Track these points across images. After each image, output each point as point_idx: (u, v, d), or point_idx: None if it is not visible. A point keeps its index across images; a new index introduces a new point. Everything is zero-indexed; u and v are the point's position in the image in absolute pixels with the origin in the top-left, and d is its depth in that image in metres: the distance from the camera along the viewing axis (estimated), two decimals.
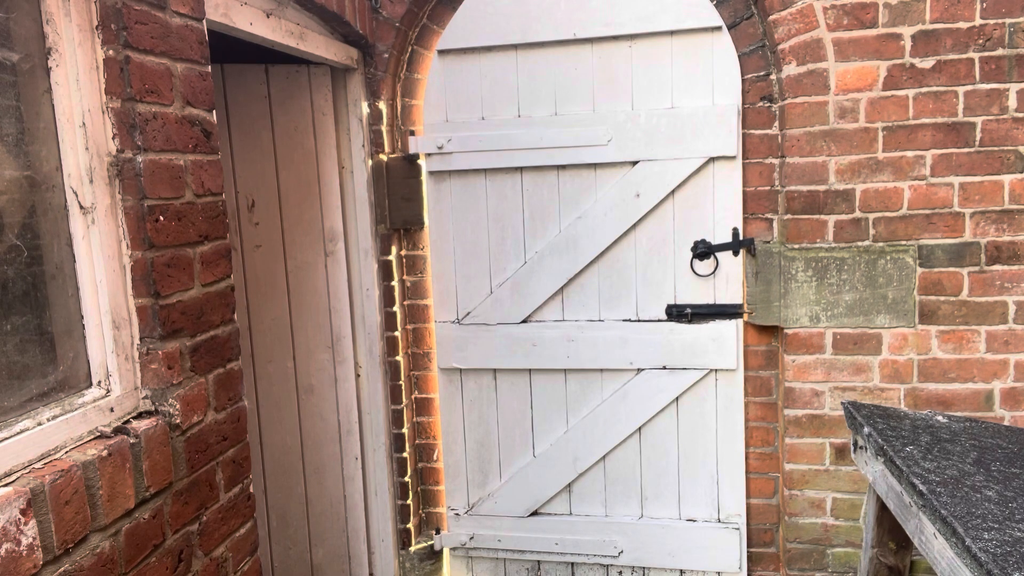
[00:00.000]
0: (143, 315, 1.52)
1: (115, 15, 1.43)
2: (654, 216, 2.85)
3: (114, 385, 1.49)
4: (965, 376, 2.60)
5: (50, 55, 1.38)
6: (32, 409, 1.34)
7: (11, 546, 1.15)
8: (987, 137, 2.49)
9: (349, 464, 3.02)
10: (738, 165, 2.76)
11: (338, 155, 2.88)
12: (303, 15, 2.44)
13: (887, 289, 2.60)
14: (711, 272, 2.85)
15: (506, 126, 2.89)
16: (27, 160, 1.36)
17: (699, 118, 2.74)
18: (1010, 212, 2.51)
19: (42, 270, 1.39)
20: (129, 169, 1.47)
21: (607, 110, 2.83)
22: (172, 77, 1.57)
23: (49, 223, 1.41)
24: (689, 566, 3.00)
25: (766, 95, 2.73)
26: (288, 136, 2.84)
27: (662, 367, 2.91)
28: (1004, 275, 2.53)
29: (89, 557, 1.32)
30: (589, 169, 2.87)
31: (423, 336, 3.13)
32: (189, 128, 1.62)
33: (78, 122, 1.42)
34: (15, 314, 1.33)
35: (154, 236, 1.51)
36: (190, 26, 1.62)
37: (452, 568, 3.24)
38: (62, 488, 1.26)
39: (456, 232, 3.01)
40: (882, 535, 2.11)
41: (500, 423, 3.08)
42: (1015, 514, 1.51)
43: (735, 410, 2.90)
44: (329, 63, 2.69)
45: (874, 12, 2.49)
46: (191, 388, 1.61)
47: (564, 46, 2.83)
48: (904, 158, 2.54)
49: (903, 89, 2.51)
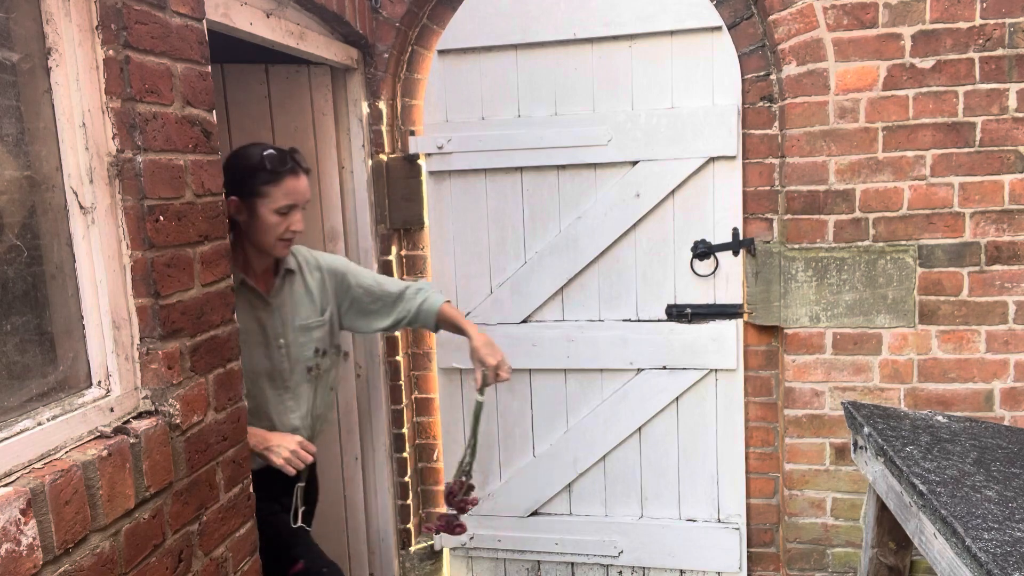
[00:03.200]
0: (143, 315, 1.52)
1: (115, 15, 1.42)
2: (654, 216, 2.85)
3: (114, 385, 1.49)
4: (965, 376, 2.60)
5: (50, 55, 1.38)
6: (32, 409, 1.34)
7: (11, 546, 1.15)
8: (987, 137, 2.49)
9: (349, 464, 3.02)
10: (738, 165, 2.76)
11: (338, 155, 2.88)
12: (303, 15, 2.44)
13: (887, 289, 2.60)
14: (711, 272, 2.85)
15: (506, 126, 2.89)
16: (27, 160, 1.36)
17: (699, 118, 2.74)
18: (1010, 212, 2.51)
19: (42, 270, 1.39)
20: (129, 169, 1.47)
21: (607, 110, 2.83)
22: (172, 77, 1.57)
23: (49, 223, 1.41)
24: (689, 566, 3.00)
25: (766, 95, 2.73)
26: (288, 136, 2.83)
27: (662, 367, 2.91)
28: (1004, 275, 2.53)
29: (89, 557, 1.32)
30: (589, 169, 2.87)
31: (423, 336, 3.13)
32: (189, 128, 1.62)
33: (78, 122, 1.42)
34: (15, 314, 1.33)
35: (154, 236, 1.51)
36: (190, 26, 1.62)
37: (452, 568, 3.24)
38: (62, 488, 1.26)
39: (456, 232, 3.01)
40: (882, 535, 2.11)
41: (500, 423, 3.08)
42: (1015, 514, 1.51)
43: (735, 410, 2.90)
44: (329, 63, 2.69)
45: (874, 12, 2.49)
46: (191, 388, 1.61)
47: (564, 46, 2.83)
48: (904, 158, 2.54)
49: (903, 89, 2.51)
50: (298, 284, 2.25)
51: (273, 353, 2.18)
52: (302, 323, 2.24)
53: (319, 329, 2.28)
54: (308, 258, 2.32)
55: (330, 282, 2.34)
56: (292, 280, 2.24)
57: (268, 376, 2.18)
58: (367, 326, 2.46)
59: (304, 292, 2.26)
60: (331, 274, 2.35)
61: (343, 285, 2.37)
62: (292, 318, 2.22)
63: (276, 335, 2.18)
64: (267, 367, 2.17)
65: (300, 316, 2.24)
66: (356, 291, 2.38)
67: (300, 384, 2.24)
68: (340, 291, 2.37)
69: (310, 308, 2.27)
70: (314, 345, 2.27)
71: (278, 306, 2.19)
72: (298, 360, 2.23)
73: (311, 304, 2.27)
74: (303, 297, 2.26)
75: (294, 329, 2.22)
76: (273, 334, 2.18)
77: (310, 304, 2.27)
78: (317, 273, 2.31)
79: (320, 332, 2.29)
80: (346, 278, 2.38)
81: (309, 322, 2.25)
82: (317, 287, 2.30)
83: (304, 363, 2.25)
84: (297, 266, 2.25)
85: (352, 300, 2.39)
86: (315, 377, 2.29)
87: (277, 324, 2.19)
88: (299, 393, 2.25)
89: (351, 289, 2.38)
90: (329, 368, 2.36)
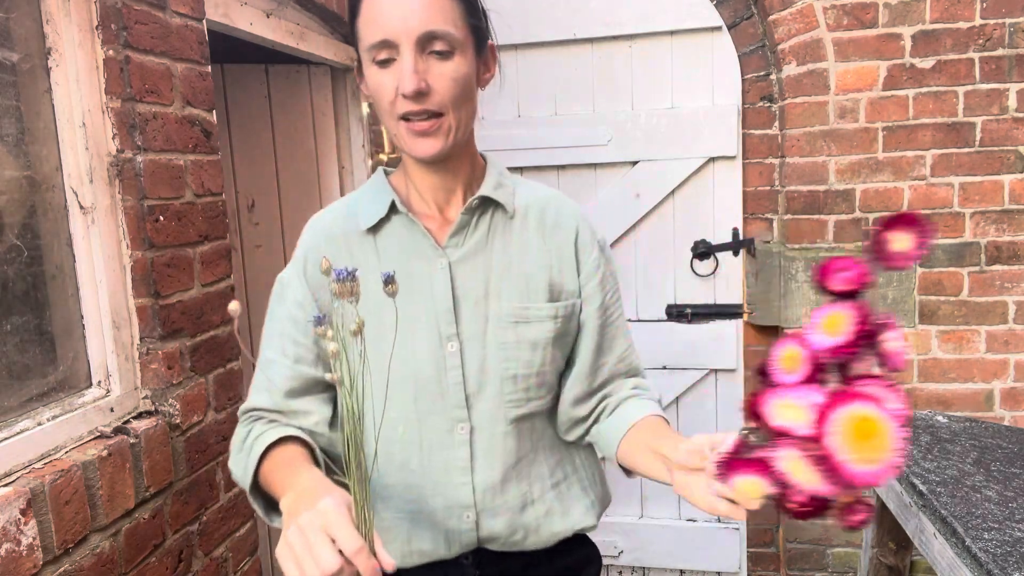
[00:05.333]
0: (143, 315, 1.51)
1: (115, 15, 1.42)
2: (654, 216, 2.85)
3: (114, 385, 1.49)
4: (965, 376, 2.60)
5: (50, 55, 1.38)
6: (32, 409, 1.34)
7: (11, 546, 1.15)
8: (987, 137, 2.49)
9: None
10: (738, 165, 2.76)
11: (338, 155, 2.88)
12: (303, 15, 2.44)
13: (887, 289, 2.60)
14: (711, 272, 2.85)
15: (506, 126, 2.88)
16: (27, 160, 1.36)
17: (699, 118, 2.74)
18: (1010, 212, 2.51)
19: (42, 270, 1.39)
20: (129, 169, 1.47)
21: (607, 110, 2.83)
22: (172, 77, 1.57)
23: (49, 223, 1.41)
24: (689, 566, 3.00)
25: (766, 95, 2.73)
26: (288, 136, 2.83)
27: (662, 367, 2.91)
28: (1004, 275, 2.53)
29: (89, 557, 1.32)
30: (589, 169, 2.87)
31: None
32: (189, 128, 1.62)
33: (78, 122, 1.42)
34: (15, 314, 1.33)
35: (154, 236, 1.51)
36: (190, 26, 1.62)
37: None
38: (62, 488, 1.26)
39: None
40: (882, 535, 2.11)
41: None
42: (1015, 514, 1.51)
43: (735, 410, 2.90)
44: (329, 63, 2.69)
45: (874, 12, 2.49)
46: (191, 388, 1.61)
47: (564, 46, 2.83)
48: (904, 158, 2.54)
49: (903, 89, 2.51)
50: (511, 232, 1.14)
51: (436, 356, 1.10)
52: (512, 308, 1.12)
53: (544, 325, 1.13)
54: (539, 196, 1.19)
55: (586, 259, 1.18)
56: (495, 221, 1.14)
57: (422, 399, 1.10)
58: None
59: (521, 249, 1.14)
60: (588, 248, 1.19)
61: (591, 283, 1.19)
62: (487, 293, 1.12)
63: (446, 322, 1.10)
64: (418, 379, 1.10)
65: (506, 294, 1.12)
66: (588, 313, 1.19)
67: (493, 424, 1.12)
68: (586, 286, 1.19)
69: (530, 284, 1.14)
70: (528, 357, 1.13)
71: (458, 265, 1.11)
72: (490, 379, 1.12)
73: (533, 278, 1.14)
74: (519, 258, 1.14)
75: (489, 316, 1.11)
76: (441, 319, 1.10)
77: (529, 278, 1.14)
78: (559, 233, 1.17)
79: (546, 332, 1.13)
80: (597, 278, 1.20)
81: (527, 309, 1.12)
82: (555, 251, 1.16)
83: (503, 385, 1.12)
84: (507, 198, 1.14)
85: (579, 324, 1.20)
86: (526, 424, 1.15)
87: (450, 301, 1.10)
88: (489, 444, 1.13)
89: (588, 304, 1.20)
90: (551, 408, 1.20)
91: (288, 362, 1.10)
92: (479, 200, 1.11)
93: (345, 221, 1.14)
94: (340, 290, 0.81)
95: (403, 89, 0.99)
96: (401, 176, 1.16)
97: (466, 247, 1.11)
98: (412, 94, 0.98)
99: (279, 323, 1.13)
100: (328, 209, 1.21)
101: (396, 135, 1.06)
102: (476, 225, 1.12)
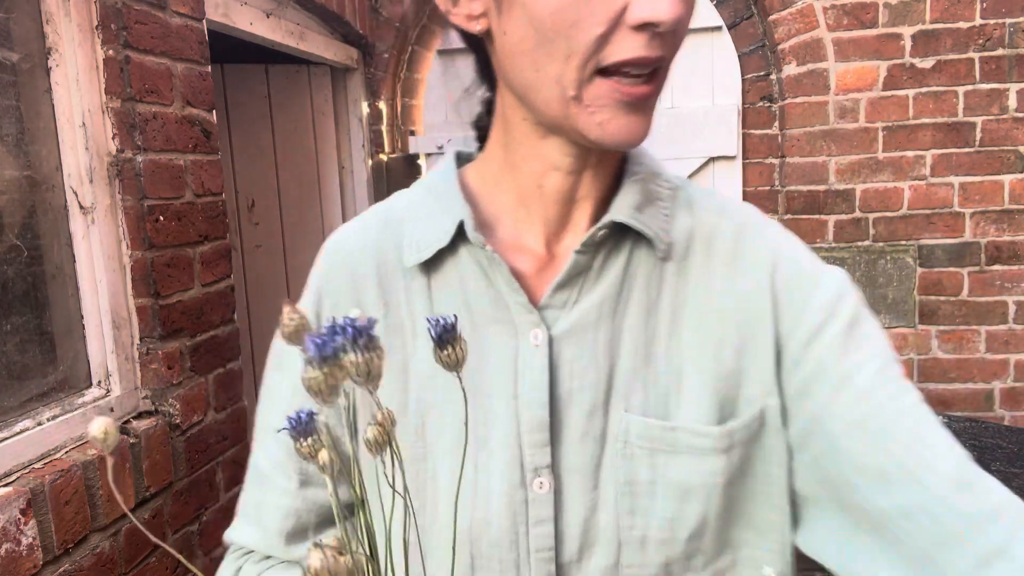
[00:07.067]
0: (143, 315, 1.51)
1: (115, 15, 1.42)
2: None
3: (114, 385, 1.49)
4: (965, 376, 2.60)
5: (50, 55, 1.38)
6: (32, 409, 1.34)
7: (11, 546, 1.15)
8: (987, 137, 2.49)
9: None
10: (738, 165, 2.76)
11: (338, 155, 2.88)
12: (303, 15, 2.44)
13: (887, 289, 2.60)
14: None
15: None
16: (27, 160, 1.36)
17: (699, 118, 2.74)
18: (1010, 212, 2.51)
19: (42, 270, 1.39)
20: (129, 169, 1.47)
21: None
22: (172, 77, 1.57)
23: (49, 223, 1.41)
24: None
25: (766, 95, 2.73)
26: (288, 136, 2.83)
27: None
28: (1004, 275, 2.53)
29: (89, 557, 1.32)
30: None
31: None
32: (189, 128, 1.62)
33: (78, 122, 1.42)
34: (15, 314, 1.33)
35: (154, 236, 1.51)
36: (190, 26, 1.62)
37: None
38: (62, 488, 1.26)
39: None
40: None
41: None
42: None
43: None
44: (329, 63, 2.69)
45: (874, 12, 2.49)
46: (191, 388, 1.61)
47: None
48: (904, 158, 2.54)
49: (903, 89, 2.51)
50: (663, 282, 0.62)
51: (514, 500, 0.59)
52: (649, 424, 0.58)
53: (713, 460, 0.58)
54: (709, 217, 0.65)
55: (795, 313, 0.61)
56: (634, 264, 0.62)
57: (483, 570, 0.59)
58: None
59: (675, 315, 0.61)
60: (800, 291, 0.61)
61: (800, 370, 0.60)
62: (609, 394, 0.59)
63: (537, 443, 0.59)
64: (481, 538, 0.59)
65: (643, 396, 0.59)
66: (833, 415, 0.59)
67: None
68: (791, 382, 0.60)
69: (684, 382, 0.60)
70: (674, 510, 0.58)
71: (564, 341, 0.60)
72: (601, 540, 0.59)
73: (706, 366, 0.60)
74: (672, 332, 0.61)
75: (608, 435, 0.59)
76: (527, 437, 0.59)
77: (683, 372, 0.60)
78: (741, 279, 0.61)
79: (715, 472, 0.58)
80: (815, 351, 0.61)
81: (674, 430, 0.58)
82: (734, 316, 0.61)
83: (622, 553, 0.58)
84: (656, 225, 0.62)
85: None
86: None
87: (545, 406, 0.59)
88: None
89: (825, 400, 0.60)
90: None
91: (290, 485, 0.65)
92: (608, 228, 0.60)
93: (380, 248, 0.66)
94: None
95: (653, 14, 0.53)
96: (489, 170, 0.67)
97: (580, 309, 0.60)
98: (672, 22, 0.54)
99: (278, 411, 0.65)
100: (358, 222, 0.71)
101: (565, 104, 0.56)
102: (601, 271, 0.61)
